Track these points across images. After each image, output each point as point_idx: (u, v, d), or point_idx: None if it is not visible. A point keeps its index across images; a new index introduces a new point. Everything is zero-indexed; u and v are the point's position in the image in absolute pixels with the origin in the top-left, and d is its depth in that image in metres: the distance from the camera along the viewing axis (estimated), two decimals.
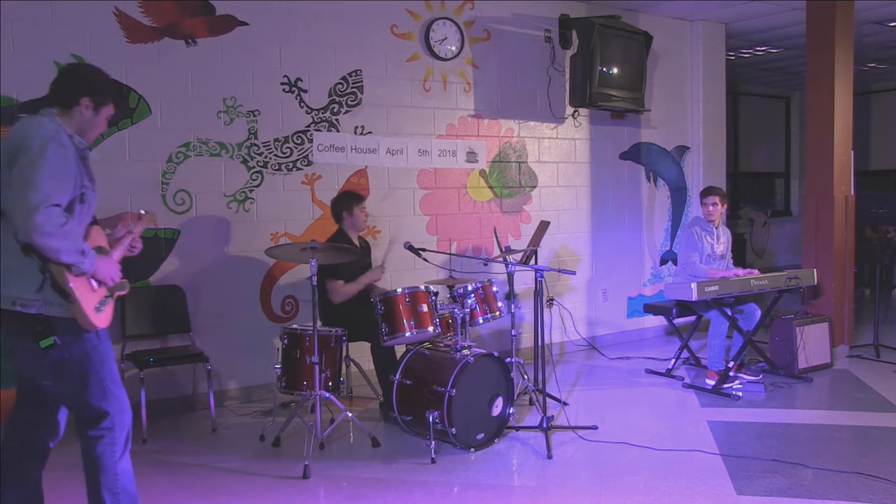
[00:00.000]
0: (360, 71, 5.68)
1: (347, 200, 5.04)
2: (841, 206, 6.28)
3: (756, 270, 5.68)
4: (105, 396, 2.78)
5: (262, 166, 5.32)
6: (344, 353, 4.76)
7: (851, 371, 5.99)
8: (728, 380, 5.40)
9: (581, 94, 6.46)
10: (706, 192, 5.76)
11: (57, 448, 2.97)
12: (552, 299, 5.37)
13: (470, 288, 4.82)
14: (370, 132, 5.75)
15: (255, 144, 5.29)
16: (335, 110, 5.60)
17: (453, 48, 6.09)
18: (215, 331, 5.19)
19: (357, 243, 5.09)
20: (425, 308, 4.46)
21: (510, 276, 4.72)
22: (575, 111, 6.83)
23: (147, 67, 4.89)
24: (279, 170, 5.39)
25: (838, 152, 6.24)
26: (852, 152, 6.38)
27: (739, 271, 5.54)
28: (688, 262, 5.63)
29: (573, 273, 4.73)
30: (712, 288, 5.15)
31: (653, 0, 6.93)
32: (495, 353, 4.40)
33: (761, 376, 5.61)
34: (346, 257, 4.51)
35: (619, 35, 6.51)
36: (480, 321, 4.87)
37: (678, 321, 6.01)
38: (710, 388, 5.39)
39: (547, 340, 5.44)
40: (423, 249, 4.74)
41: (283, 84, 5.38)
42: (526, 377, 5.10)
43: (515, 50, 6.46)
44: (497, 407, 4.32)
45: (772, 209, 12.49)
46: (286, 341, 4.40)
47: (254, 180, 5.30)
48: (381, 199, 5.79)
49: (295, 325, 4.46)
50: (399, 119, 5.88)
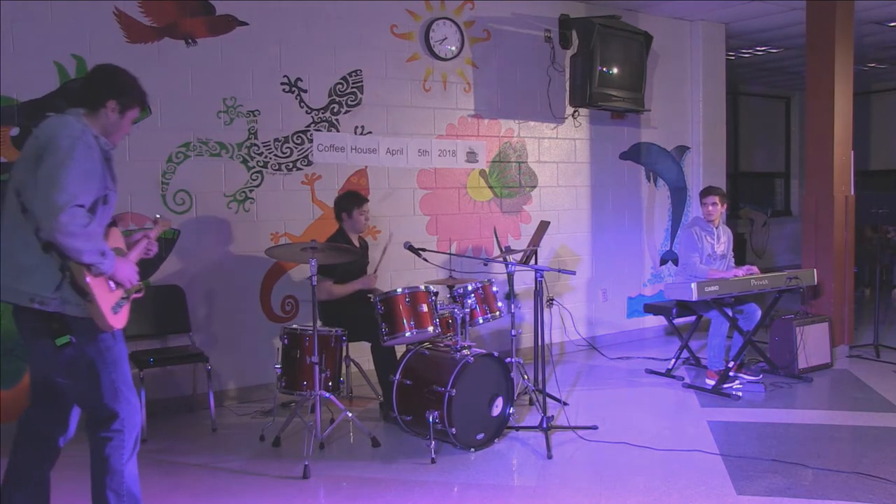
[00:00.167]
0: (360, 71, 5.68)
1: (347, 203, 5.04)
2: (841, 206, 6.28)
3: (755, 268, 5.68)
4: (116, 398, 2.79)
5: (262, 166, 5.32)
6: (344, 353, 4.76)
7: (851, 371, 5.99)
8: (728, 380, 5.40)
9: (581, 94, 6.46)
10: (706, 192, 5.76)
11: (62, 446, 2.97)
12: (552, 299, 5.37)
13: (470, 288, 4.82)
14: (370, 132, 5.75)
15: (255, 144, 5.29)
16: (335, 110, 5.60)
17: (453, 48, 6.09)
18: (215, 331, 5.19)
19: (357, 243, 5.10)
20: (425, 308, 4.46)
21: (510, 276, 4.72)
22: (575, 111, 6.83)
23: (147, 67, 4.87)
24: (279, 170, 5.39)
25: (838, 152, 6.24)
26: (852, 152, 6.38)
27: (739, 271, 5.54)
28: (688, 263, 5.63)
29: (573, 273, 4.73)
30: (712, 288, 5.15)
31: (653, 0, 6.93)
32: (495, 353, 4.40)
33: (761, 376, 5.61)
34: (345, 257, 4.51)
35: (619, 35, 6.51)
36: (480, 321, 4.87)
37: (678, 321, 6.02)
38: (710, 388, 5.39)
39: (547, 340, 5.44)
40: (423, 249, 4.74)
41: (283, 84, 5.38)
42: (526, 377, 5.10)
43: (515, 50, 6.46)
44: (497, 407, 4.32)
45: (772, 209, 12.49)
46: (286, 341, 4.40)
47: (254, 180, 5.31)
48: (381, 199, 5.79)
49: (295, 325, 4.46)
50: (399, 119, 5.88)
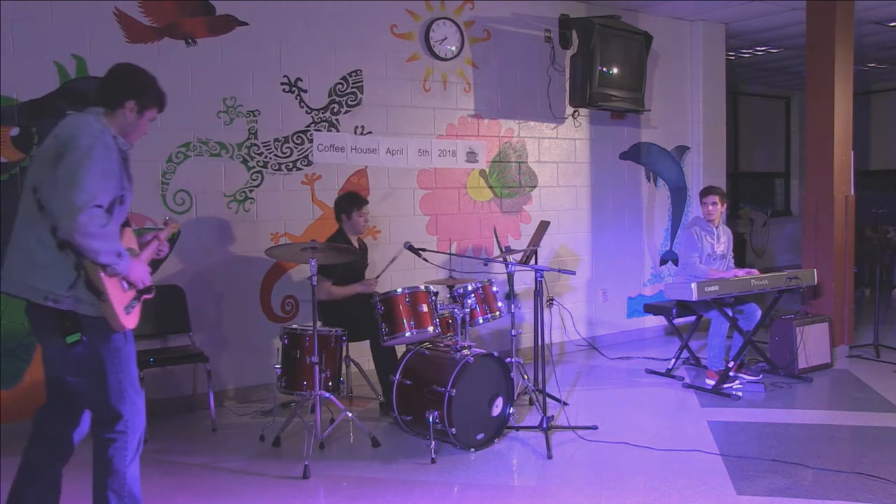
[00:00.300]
0: (360, 71, 5.68)
1: (347, 204, 5.04)
2: (841, 206, 6.28)
3: (755, 270, 5.68)
4: (122, 399, 2.79)
5: (262, 166, 5.32)
6: (344, 353, 4.76)
7: (851, 371, 5.99)
8: (728, 380, 5.40)
9: (581, 94, 6.46)
10: (705, 192, 5.76)
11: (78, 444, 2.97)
12: (552, 299, 5.37)
13: (470, 288, 4.82)
14: (370, 132, 5.75)
15: (255, 144, 5.29)
16: (335, 110, 5.60)
17: (453, 48, 6.09)
18: (215, 331, 5.19)
19: (356, 244, 5.09)
20: (425, 308, 4.46)
21: (510, 276, 4.72)
22: (575, 111, 6.82)
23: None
24: (279, 170, 5.39)
25: (838, 152, 6.23)
26: (852, 152, 6.38)
27: (739, 272, 5.54)
28: (688, 263, 5.63)
29: (573, 273, 4.72)
30: (712, 288, 5.15)
31: (653, 0, 6.93)
32: (495, 353, 4.39)
33: (761, 376, 5.61)
34: (345, 258, 4.51)
35: (619, 35, 6.51)
36: (480, 321, 4.87)
37: (678, 321, 6.01)
38: (710, 388, 5.39)
39: (547, 340, 5.44)
40: (424, 249, 4.74)
41: (283, 84, 5.38)
42: (526, 377, 5.10)
43: (515, 50, 6.46)
44: (497, 407, 4.32)
45: (772, 209, 12.49)
46: (286, 341, 4.40)
47: (254, 180, 5.31)
48: (381, 200, 5.79)
49: (295, 325, 4.46)
50: (399, 119, 5.88)
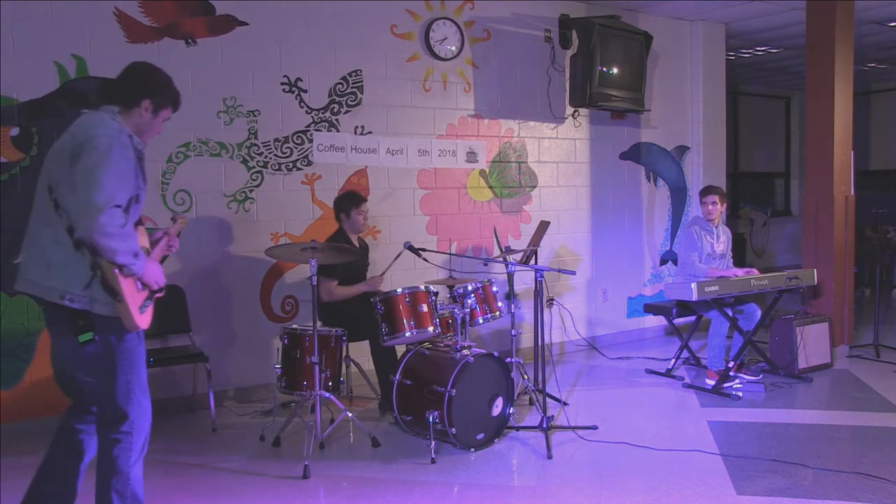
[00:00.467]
0: (360, 71, 5.68)
1: (346, 203, 5.04)
2: (841, 206, 6.28)
3: (755, 270, 5.68)
4: (129, 399, 2.79)
5: (262, 166, 5.32)
6: (344, 353, 4.76)
7: (851, 371, 5.99)
8: (728, 380, 5.40)
9: (581, 94, 6.46)
10: (705, 192, 5.76)
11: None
12: (552, 299, 5.37)
13: (470, 288, 4.82)
14: (370, 132, 5.75)
15: (255, 144, 5.29)
16: (335, 110, 5.60)
17: (453, 48, 6.09)
18: (215, 331, 5.19)
19: (356, 244, 5.09)
20: (425, 308, 4.46)
21: (510, 276, 4.72)
22: (575, 111, 6.83)
23: None
24: (279, 170, 5.39)
25: (838, 152, 6.23)
26: (852, 152, 6.38)
27: (739, 271, 5.54)
28: (687, 262, 5.63)
29: (573, 273, 4.72)
30: (712, 288, 5.15)
31: (653, 0, 6.93)
32: (495, 353, 4.39)
33: (761, 376, 5.61)
34: (345, 257, 4.51)
35: (619, 35, 6.51)
36: (480, 321, 4.87)
37: (678, 321, 6.01)
38: (710, 388, 5.39)
39: (547, 340, 5.43)
40: (424, 249, 4.74)
41: (283, 84, 5.38)
42: (526, 377, 5.10)
43: (515, 50, 6.46)
44: (497, 407, 4.32)
45: (772, 209, 12.49)
46: (286, 341, 4.40)
47: (254, 180, 5.31)
48: (381, 199, 5.79)
49: (295, 325, 4.46)
50: (399, 119, 5.88)
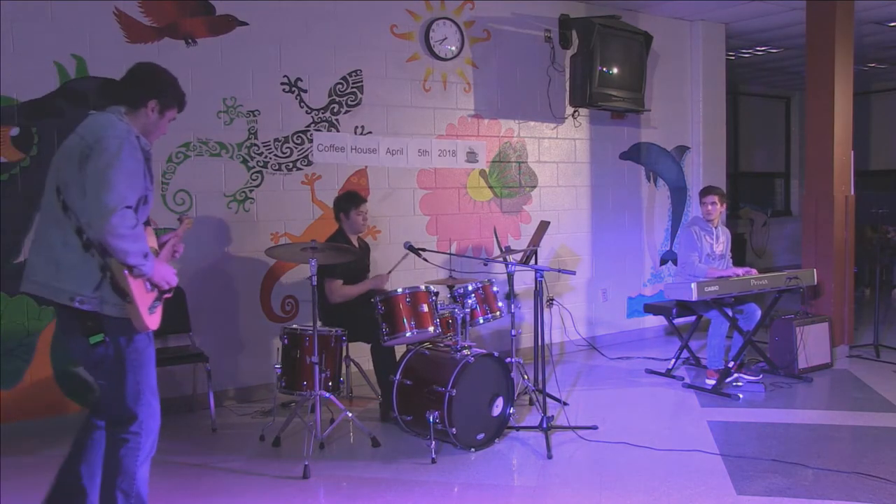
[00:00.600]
0: (360, 71, 5.68)
1: (345, 203, 5.04)
2: (841, 206, 6.28)
3: (754, 270, 5.68)
4: (138, 400, 2.80)
5: (262, 166, 5.32)
6: (344, 353, 4.75)
7: (851, 371, 5.99)
8: (728, 380, 5.40)
9: (581, 94, 6.46)
10: (705, 192, 5.77)
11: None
12: (552, 299, 5.37)
13: (470, 288, 4.82)
14: (370, 132, 5.75)
15: (255, 144, 5.29)
16: (335, 110, 5.60)
17: (453, 48, 6.09)
18: (215, 331, 5.19)
19: (356, 244, 5.09)
20: (426, 308, 4.46)
21: (510, 276, 4.72)
22: (575, 111, 6.82)
23: None
24: (279, 170, 5.39)
25: (838, 152, 6.23)
26: (852, 152, 6.38)
27: (738, 271, 5.55)
28: (687, 262, 5.63)
29: (573, 273, 4.72)
30: (712, 288, 5.15)
31: (653, 0, 6.93)
32: (495, 353, 4.39)
33: (761, 376, 5.61)
34: (345, 257, 4.51)
35: (619, 35, 6.51)
36: (481, 321, 4.87)
37: (678, 321, 6.01)
38: (710, 388, 5.39)
39: (547, 340, 5.44)
40: (424, 249, 4.74)
41: (283, 84, 5.38)
42: (526, 377, 5.10)
43: (515, 50, 6.46)
44: (497, 407, 4.32)
45: (772, 209, 12.49)
46: (286, 341, 4.40)
47: (254, 180, 5.30)
48: (381, 199, 5.79)
49: (295, 325, 4.46)
50: (399, 119, 5.88)
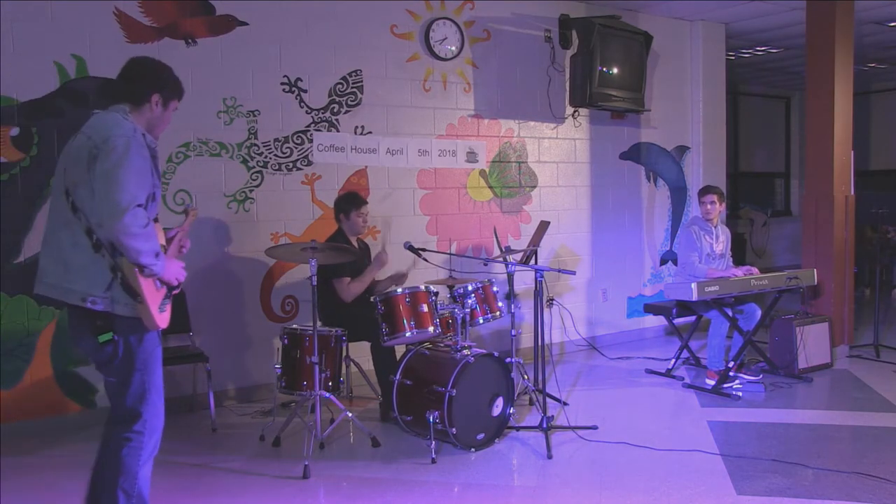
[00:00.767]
0: (360, 71, 5.68)
1: (345, 204, 5.04)
2: (841, 206, 6.28)
3: (754, 268, 5.69)
4: (143, 400, 2.81)
5: (262, 166, 5.32)
6: (344, 353, 4.75)
7: (851, 371, 5.99)
8: (728, 380, 5.40)
9: (581, 94, 6.46)
10: (704, 191, 5.77)
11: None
12: (552, 299, 5.37)
13: (470, 288, 4.82)
14: (370, 132, 5.75)
15: (255, 144, 5.29)
16: (335, 110, 5.60)
17: (453, 48, 6.09)
18: (215, 331, 5.19)
19: (355, 245, 5.09)
20: (425, 308, 4.45)
21: (510, 276, 4.72)
22: (575, 111, 6.83)
23: None
24: (279, 170, 5.39)
25: (838, 152, 6.24)
26: (852, 152, 6.38)
27: (738, 271, 5.55)
28: (687, 262, 5.63)
29: (573, 273, 4.72)
30: (712, 288, 5.15)
31: (653, 0, 6.93)
32: (495, 353, 4.39)
33: (761, 376, 5.61)
34: (345, 257, 4.51)
35: (619, 35, 6.51)
36: (481, 321, 4.87)
37: (678, 321, 6.01)
38: (710, 388, 5.39)
39: (547, 340, 5.44)
40: (424, 249, 4.74)
41: (283, 84, 5.38)
42: (526, 377, 5.10)
43: (515, 50, 6.46)
44: (497, 407, 4.32)
45: (772, 209, 12.49)
46: (286, 341, 4.40)
47: (254, 180, 5.30)
48: (381, 199, 5.79)
49: (295, 325, 4.46)
50: (399, 119, 5.88)
